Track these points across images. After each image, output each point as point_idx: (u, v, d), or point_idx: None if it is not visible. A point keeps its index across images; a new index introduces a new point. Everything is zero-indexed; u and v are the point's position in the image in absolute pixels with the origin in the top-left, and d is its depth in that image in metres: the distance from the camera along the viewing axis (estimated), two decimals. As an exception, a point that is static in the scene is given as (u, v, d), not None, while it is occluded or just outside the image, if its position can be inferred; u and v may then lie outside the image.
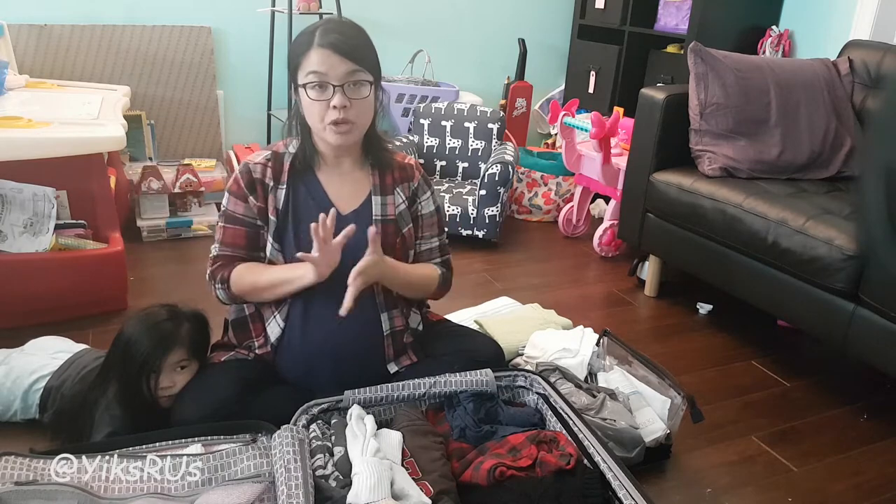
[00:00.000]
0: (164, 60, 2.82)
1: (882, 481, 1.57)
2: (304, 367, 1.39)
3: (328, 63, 1.25)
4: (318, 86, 1.26)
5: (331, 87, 1.26)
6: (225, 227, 1.39)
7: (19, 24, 2.56)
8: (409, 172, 1.47)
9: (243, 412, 1.29)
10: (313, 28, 1.29)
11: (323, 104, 1.27)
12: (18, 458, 1.11)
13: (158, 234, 2.62)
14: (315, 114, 1.29)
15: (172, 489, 1.13)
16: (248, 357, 1.43)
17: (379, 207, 1.42)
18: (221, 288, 1.37)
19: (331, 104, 1.26)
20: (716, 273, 2.11)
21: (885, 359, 1.66)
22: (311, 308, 1.38)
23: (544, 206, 3.10)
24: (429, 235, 1.50)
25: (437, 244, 1.52)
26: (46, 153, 1.82)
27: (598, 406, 1.48)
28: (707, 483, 1.52)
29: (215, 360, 1.43)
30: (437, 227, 1.52)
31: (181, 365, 1.39)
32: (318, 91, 1.26)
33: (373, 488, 1.09)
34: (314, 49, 1.26)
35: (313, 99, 1.27)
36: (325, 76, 1.25)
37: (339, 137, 1.31)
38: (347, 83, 1.26)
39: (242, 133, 3.10)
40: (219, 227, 1.40)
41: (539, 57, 3.57)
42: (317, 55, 1.25)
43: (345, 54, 1.25)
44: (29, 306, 1.87)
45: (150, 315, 1.40)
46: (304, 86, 1.28)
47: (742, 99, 2.16)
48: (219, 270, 1.37)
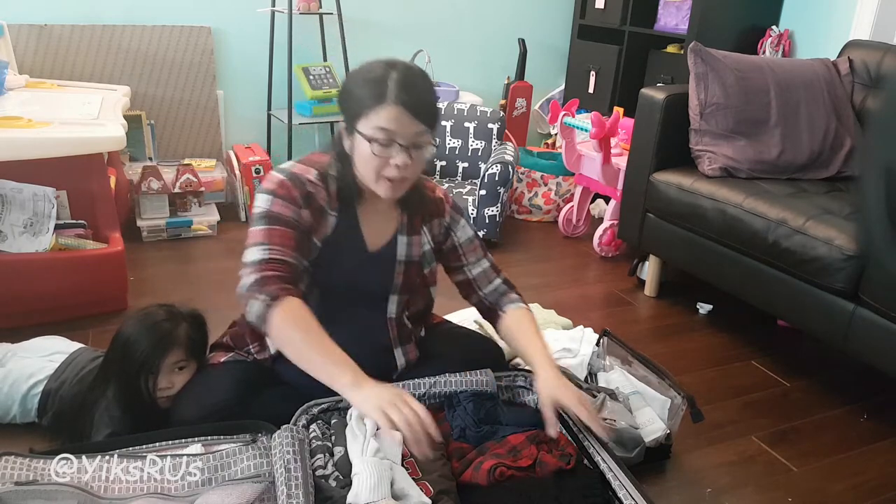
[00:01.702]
0: (164, 60, 2.82)
1: (882, 481, 1.57)
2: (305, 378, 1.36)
3: (400, 122, 1.19)
4: (385, 143, 1.20)
5: (397, 145, 1.21)
6: (270, 229, 1.24)
7: (19, 24, 2.56)
8: (439, 207, 1.43)
9: (243, 414, 1.29)
10: (383, 75, 1.21)
11: (383, 160, 1.22)
12: (18, 458, 1.11)
13: (158, 234, 2.62)
14: (372, 167, 1.23)
15: (172, 489, 1.13)
16: (247, 359, 1.43)
17: (404, 248, 1.39)
18: (266, 303, 1.18)
19: (392, 161, 1.22)
20: (716, 273, 2.10)
21: (885, 359, 1.66)
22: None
23: (544, 206, 3.10)
24: (474, 259, 1.47)
25: (489, 264, 1.48)
26: (46, 153, 1.82)
27: (598, 406, 1.48)
28: (707, 483, 1.52)
29: (214, 362, 1.42)
30: (480, 250, 1.48)
31: (179, 366, 1.38)
32: (382, 149, 1.21)
33: (373, 488, 1.09)
34: (388, 105, 1.18)
35: (375, 154, 1.21)
36: (394, 135, 1.20)
37: (391, 192, 1.26)
38: (413, 144, 1.22)
39: (242, 133, 3.09)
40: (259, 230, 1.25)
41: (539, 57, 3.57)
42: (389, 112, 1.19)
43: (418, 116, 1.20)
44: (29, 306, 1.87)
45: (148, 315, 1.40)
46: (367, 138, 1.21)
47: (742, 99, 2.16)
48: (273, 282, 1.19)
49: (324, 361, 1.16)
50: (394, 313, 1.41)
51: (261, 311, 1.18)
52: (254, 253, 1.24)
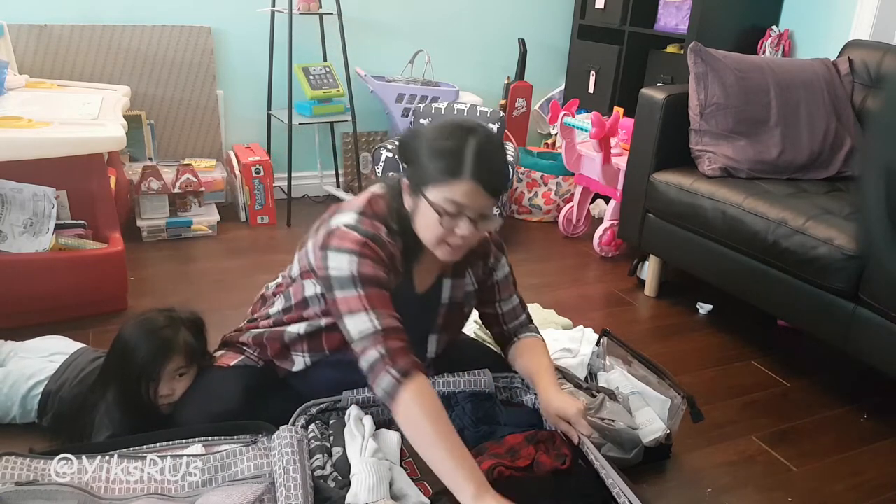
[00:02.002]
0: (164, 60, 2.82)
1: (882, 481, 1.57)
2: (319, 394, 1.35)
3: (473, 198, 1.15)
4: (454, 215, 1.17)
5: (466, 218, 1.17)
6: (367, 293, 1.15)
7: (19, 24, 2.56)
8: (485, 248, 1.41)
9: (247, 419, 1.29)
10: (459, 146, 1.15)
11: (446, 232, 1.19)
12: (19, 459, 1.11)
13: (158, 234, 2.62)
14: (434, 233, 1.19)
15: (172, 490, 1.13)
16: (257, 364, 1.41)
17: (448, 291, 1.37)
18: (397, 380, 1.09)
19: (457, 231, 1.18)
20: (716, 273, 2.10)
21: (886, 359, 1.66)
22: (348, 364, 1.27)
23: (544, 206, 3.10)
24: (507, 296, 1.46)
25: (518, 300, 1.48)
26: (46, 153, 1.82)
27: (598, 406, 1.48)
28: (707, 483, 1.52)
29: (223, 364, 1.40)
30: (513, 286, 1.48)
31: (180, 372, 1.38)
32: (448, 218, 1.17)
33: (372, 489, 1.09)
34: (463, 180, 1.14)
35: (442, 225, 1.18)
36: (465, 208, 1.16)
37: (450, 257, 1.24)
38: (481, 216, 1.19)
39: (242, 133, 3.09)
40: (353, 296, 1.15)
41: (539, 57, 3.57)
42: (464, 188, 1.14)
43: (492, 192, 1.17)
44: (29, 306, 1.87)
45: (147, 321, 1.39)
46: (436, 208, 1.17)
47: (742, 99, 2.16)
48: (402, 355, 1.12)
49: (451, 466, 1.07)
50: (433, 353, 1.40)
51: (391, 388, 1.10)
52: (361, 322, 1.14)
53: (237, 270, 2.42)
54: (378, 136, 3.36)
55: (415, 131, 1.23)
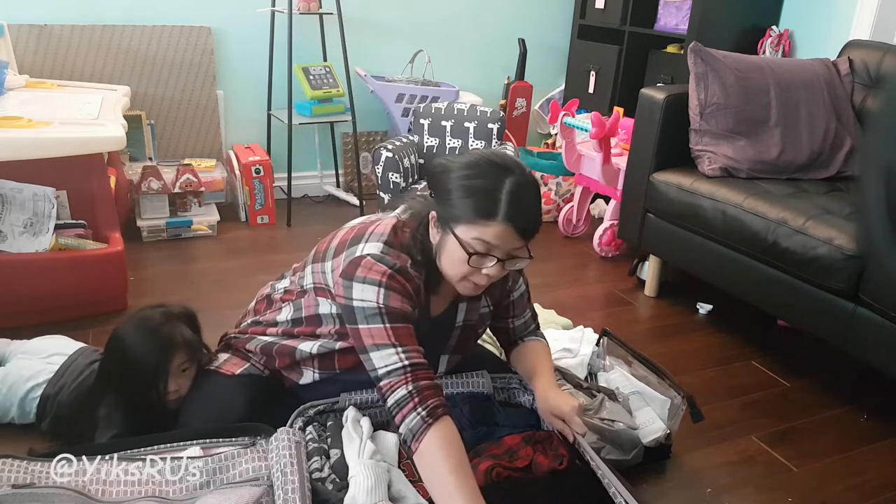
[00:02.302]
0: (164, 60, 2.82)
1: (882, 481, 1.57)
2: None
3: (504, 239, 1.13)
4: (481, 255, 1.14)
5: (494, 259, 1.14)
6: (394, 327, 1.13)
7: (19, 24, 2.56)
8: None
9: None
10: (495, 187, 1.12)
11: (473, 271, 1.16)
12: (16, 461, 1.11)
13: (158, 234, 2.62)
14: (460, 270, 1.16)
15: (171, 492, 1.13)
16: (262, 373, 1.40)
17: (463, 314, 1.35)
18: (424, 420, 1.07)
19: (483, 271, 1.16)
20: (716, 273, 2.10)
21: (886, 359, 1.66)
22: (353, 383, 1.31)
23: (544, 206, 3.10)
24: (520, 312, 1.45)
25: (530, 314, 1.48)
26: (46, 153, 1.82)
27: (597, 407, 1.48)
28: (707, 483, 1.52)
29: (227, 372, 1.38)
30: (527, 302, 1.47)
31: (182, 368, 1.38)
32: (478, 259, 1.14)
33: (370, 491, 1.09)
34: (497, 222, 1.11)
35: (470, 265, 1.14)
36: (495, 249, 1.13)
37: (471, 292, 1.22)
38: (510, 257, 1.16)
39: (242, 133, 3.09)
40: (378, 329, 1.13)
41: (539, 57, 3.57)
42: (496, 230, 1.12)
43: (524, 236, 1.14)
44: (29, 306, 1.87)
45: (144, 320, 1.38)
46: (465, 247, 1.14)
47: (742, 99, 2.16)
48: (431, 394, 1.10)
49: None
50: (443, 371, 1.39)
51: (418, 428, 1.07)
52: (389, 357, 1.11)
53: (237, 270, 2.42)
54: (378, 136, 3.36)
55: (446, 165, 1.19)
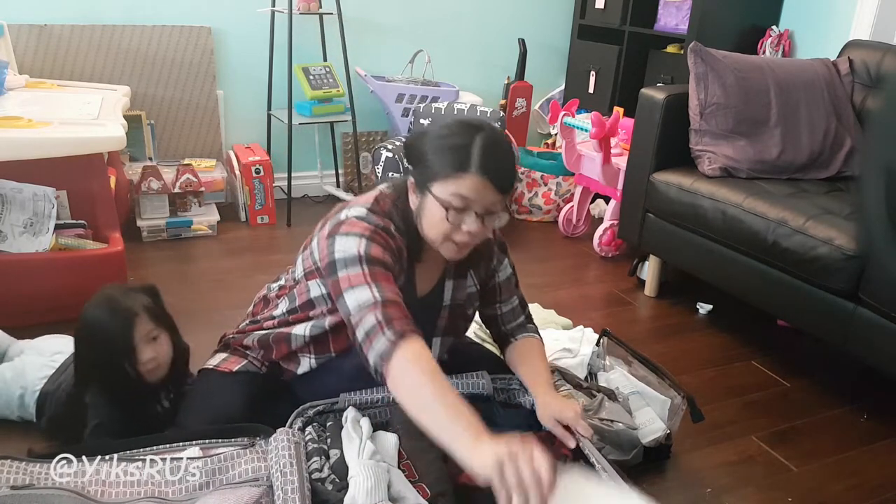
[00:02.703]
0: (164, 60, 2.82)
1: (882, 481, 1.57)
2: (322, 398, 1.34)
3: (480, 193, 1.15)
4: (461, 210, 1.16)
5: (473, 213, 1.16)
6: (371, 270, 1.13)
7: (19, 24, 2.56)
8: (488, 250, 1.39)
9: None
10: (467, 142, 1.15)
11: (452, 227, 1.17)
12: (15, 462, 1.11)
13: (158, 234, 2.62)
14: (440, 230, 1.18)
15: (170, 493, 1.13)
16: (259, 371, 1.40)
17: (450, 292, 1.36)
18: (391, 340, 1.05)
19: (463, 227, 1.17)
20: (716, 273, 2.10)
21: (886, 359, 1.66)
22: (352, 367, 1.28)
23: (544, 206, 3.10)
24: (508, 297, 1.45)
25: (518, 300, 1.47)
26: (46, 153, 1.81)
27: (596, 407, 1.48)
28: (707, 483, 1.52)
29: (225, 370, 1.39)
30: (514, 286, 1.46)
31: (152, 336, 1.38)
32: (456, 215, 1.16)
33: (370, 491, 1.09)
34: (471, 174, 1.14)
35: (449, 220, 1.16)
36: (472, 203, 1.15)
37: (455, 255, 1.23)
38: (488, 212, 1.18)
39: (242, 133, 3.09)
40: (356, 273, 1.13)
41: (539, 57, 3.57)
42: (472, 182, 1.14)
43: (499, 186, 1.16)
44: (29, 306, 1.87)
45: (103, 298, 1.38)
46: (443, 203, 1.16)
47: (742, 99, 2.16)
48: (399, 318, 1.08)
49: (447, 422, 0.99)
50: (437, 356, 1.38)
51: (385, 349, 1.05)
52: (362, 293, 1.10)
53: (237, 270, 2.42)
54: (378, 136, 3.36)
55: (420, 132, 1.23)
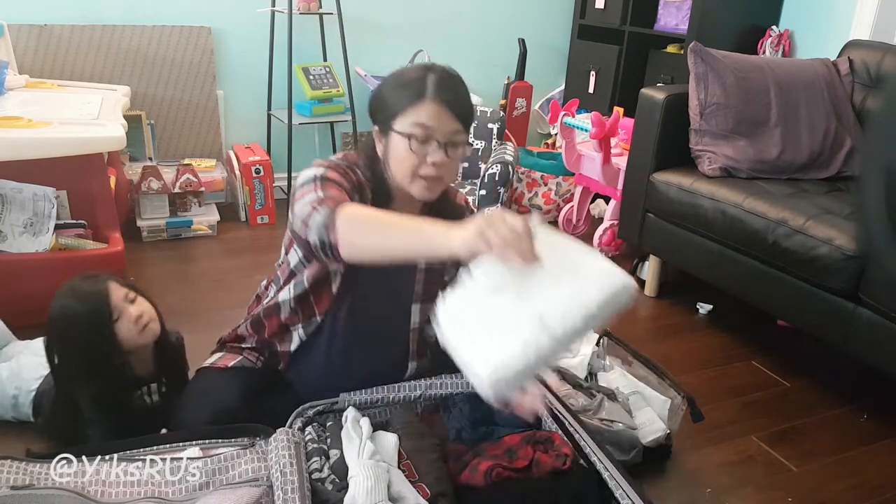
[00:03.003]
0: (164, 60, 2.82)
1: (882, 481, 1.57)
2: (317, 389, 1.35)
3: (438, 119, 1.19)
4: (422, 140, 1.20)
5: (435, 143, 1.20)
6: (325, 185, 1.17)
7: (19, 24, 2.56)
8: (459, 212, 1.40)
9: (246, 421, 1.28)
10: (422, 76, 1.22)
11: (420, 158, 1.21)
12: (14, 462, 1.11)
13: (158, 234, 2.62)
14: (407, 166, 1.21)
15: (170, 493, 1.13)
16: (255, 365, 1.41)
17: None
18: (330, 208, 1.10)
19: (428, 159, 1.20)
20: (716, 273, 2.10)
21: (886, 359, 1.66)
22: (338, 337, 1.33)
23: (544, 206, 3.10)
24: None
25: None
26: (46, 153, 1.82)
27: (596, 407, 1.48)
28: (707, 483, 1.52)
29: (221, 365, 1.40)
30: None
31: (130, 298, 1.38)
32: (419, 145, 1.20)
33: (370, 491, 1.09)
34: (427, 102, 1.19)
35: (413, 151, 1.20)
36: (432, 131, 1.19)
37: (426, 192, 1.25)
38: (450, 142, 1.21)
39: (242, 133, 3.09)
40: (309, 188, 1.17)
41: (539, 57, 3.57)
42: (428, 109, 1.19)
43: (456, 114, 1.21)
44: (29, 306, 1.85)
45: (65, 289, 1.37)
46: (405, 135, 1.20)
47: (742, 99, 2.16)
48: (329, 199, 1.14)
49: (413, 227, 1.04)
50: (417, 324, 1.39)
51: (325, 216, 1.09)
52: (307, 199, 1.15)
53: (237, 270, 2.42)
54: (378, 136, 3.36)
55: (377, 87, 1.30)
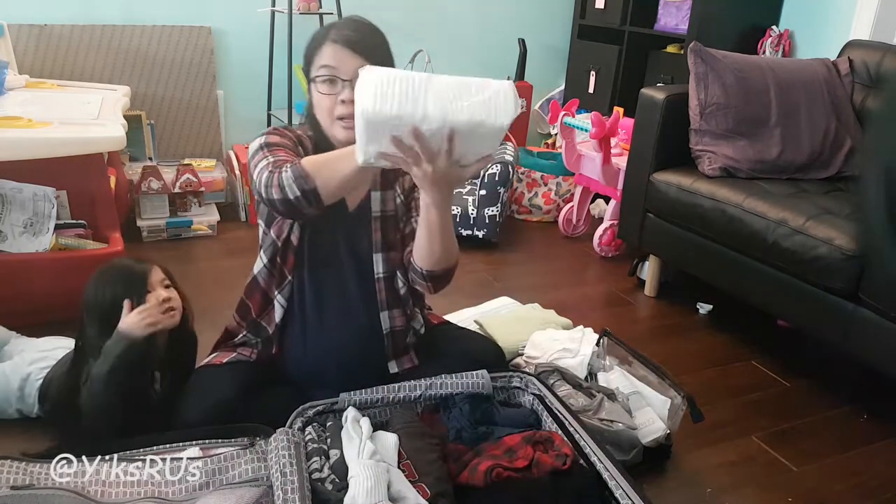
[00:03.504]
0: (164, 60, 2.82)
1: (882, 481, 1.57)
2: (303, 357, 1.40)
3: (338, 58, 1.26)
4: (329, 80, 1.27)
5: (340, 81, 1.26)
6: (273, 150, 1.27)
7: (19, 24, 2.56)
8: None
9: (244, 414, 1.29)
10: (330, 24, 1.32)
11: (332, 98, 1.27)
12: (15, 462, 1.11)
13: (158, 234, 2.62)
14: (325, 109, 1.29)
15: (170, 493, 1.13)
16: (249, 359, 1.43)
17: (379, 203, 1.41)
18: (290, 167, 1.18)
19: (339, 98, 1.27)
20: (716, 273, 2.10)
21: (886, 359, 1.66)
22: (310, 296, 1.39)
23: (544, 206, 3.10)
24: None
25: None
26: (46, 153, 1.81)
27: (596, 407, 1.48)
28: (707, 483, 1.52)
29: (216, 362, 1.42)
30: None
31: (166, 283, 1.42)
32: (328, 85, 1.27)
33: (370, 491, 1.09)
34: (327, 44, 1.27)
35: (323, 93, 1.28)
36: (336, 70, 1.26)
37: (347, 133, 1.28)
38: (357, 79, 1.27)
39: (242, 133, 3.09)
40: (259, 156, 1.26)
41: (539, 57, 3.57)
42: (329, 50, 1.27)
43: (356, 50, 1.26)
44: (29, 306, 1.87)
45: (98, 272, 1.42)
46: (315, 79, 1.29)
47: (742, 99, 2.16)
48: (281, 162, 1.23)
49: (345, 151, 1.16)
50: (381, 273, 1.41)
51: (294, 170, 1.17)
52: (261, 166, 1.24)
53: (237, 270, 2.41)
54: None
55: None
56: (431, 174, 1.07)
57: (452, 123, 1.00)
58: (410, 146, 1.04)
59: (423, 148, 1.03)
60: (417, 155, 1.04)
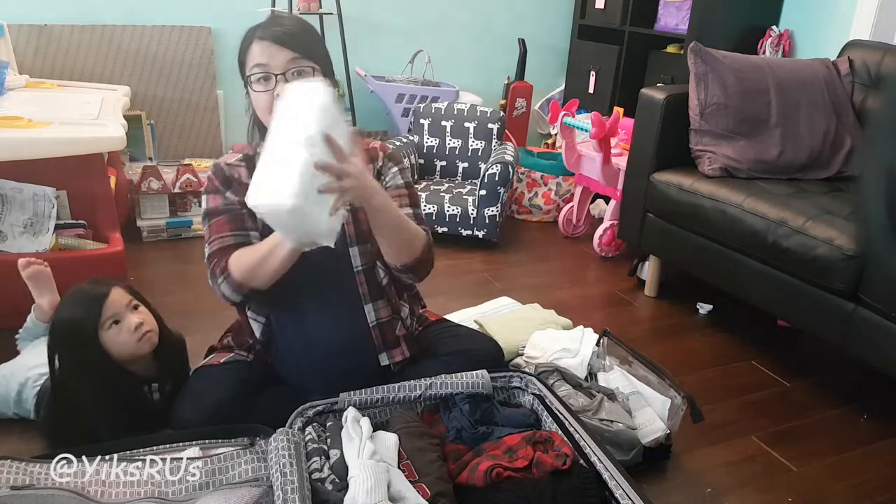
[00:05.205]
0: (164, 60, 2.82)
1: (882, 481, 1.57)
2: (295, 362, 1.39)
3: (268, 54, 1.26)
4: (263, 77, 1.26)
5: (273, 77, 1.26)
6: (210, 224, 1.35)
7: (19, 24, 2.56)
8: (372, 154, 1.44)
9: (242, 414, 1.29)
10: (256, 25, 1.32)
11: (268, 95, 1.26)
12: (15, 462, 1.11)
13: (158, 234, 2.62)
14: (263, 107, 1.28)
15: (170, 493, 1.13)
16: (246, 359, 1.43)
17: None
18: (224, 279, 1.28)
19: (274, 93, 1.26)
20: (716, 273, 2.10)
21: (886, 359, 1.66)
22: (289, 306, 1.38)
23: (544, 206, 3.10)
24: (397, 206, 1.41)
25: (412, 213, 1.42)
26: (46, 153, 1.82)
27: (596, 407, 1.48)
28: (707, 483, 1.52)
29: (214, 363, 1.43)
30: (407, 198, 1.44)
31: (133, 305, 1.42)
32: (262, 83, 1.27)
33: (370, 491, 1.09)
34: (255, 42, 1.28)
35: (259, 91, 1.27)
36: (267, 67, 1.26)
37: None
38: (289, 71, 1.26)
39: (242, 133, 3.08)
40: (205, 229, 1.36)
41: (539, 57, 3.57)
42: (258, 47, 1.27)
43: (284, 44, 1.26)
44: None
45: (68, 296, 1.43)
46: (249, 79, 1.29)
47: (742, 99, 2.16)
48: (217, 265, 1.31)
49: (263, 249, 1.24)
50: (360, 265, 1.39)
51: (227, 287, 1.28)
52: (205, 254, 1.34)
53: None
54: (378, 136, 3.36)
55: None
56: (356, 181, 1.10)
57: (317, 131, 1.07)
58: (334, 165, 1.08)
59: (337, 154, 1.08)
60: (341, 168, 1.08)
